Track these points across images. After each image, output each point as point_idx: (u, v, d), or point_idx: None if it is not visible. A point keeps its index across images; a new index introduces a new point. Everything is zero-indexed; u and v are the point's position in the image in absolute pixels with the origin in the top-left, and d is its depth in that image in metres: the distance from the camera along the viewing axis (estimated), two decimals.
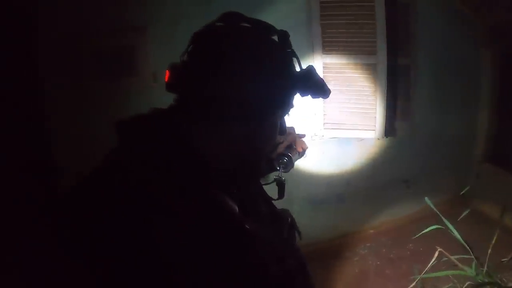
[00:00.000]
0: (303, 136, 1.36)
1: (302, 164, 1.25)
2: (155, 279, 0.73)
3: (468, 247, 2.60)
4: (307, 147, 1.33)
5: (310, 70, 0.96)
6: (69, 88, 2.84)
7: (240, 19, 0.92)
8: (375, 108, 3.77)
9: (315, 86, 0.96)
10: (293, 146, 1.28)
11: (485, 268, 2.56)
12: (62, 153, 2.78)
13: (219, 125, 0.88)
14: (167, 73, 0.90)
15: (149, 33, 3.13)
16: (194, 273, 0.75)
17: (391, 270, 3.55)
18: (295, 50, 0.96)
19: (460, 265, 2.59)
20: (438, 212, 2.67)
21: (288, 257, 0.97)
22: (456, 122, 4.42)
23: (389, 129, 3.97)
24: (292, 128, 1.29)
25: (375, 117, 3.79)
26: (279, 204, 1.13)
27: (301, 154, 1.32)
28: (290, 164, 1.22)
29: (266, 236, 0.93)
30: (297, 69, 0.96)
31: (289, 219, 1.11)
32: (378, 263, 3.73)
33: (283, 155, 1.22)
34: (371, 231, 4.23)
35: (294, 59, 0.97)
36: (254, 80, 0.86)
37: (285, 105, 0.95)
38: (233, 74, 0.85)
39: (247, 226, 0.85)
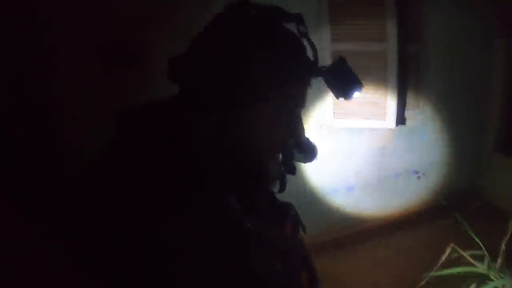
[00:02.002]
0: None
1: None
2: (153, 275, 0.70)
3: (480, 243, 2.55)
4: (317, 151, 1.27)
5: (342, 63, 0.91)
6: (74, 81, 2.83)
7: (247, 7, 0.87)
8: (386, 97, 3.72)
9: (347, 82, 0.91)
10: (302, 148, 1.21)
11: (498, 264, 2.51)
12: (66, 146, 2.78)
13: (219, 116, 0.84)
14: (169, 62, 0.86)
15: (156, 25, 3.10)
16: (193, 271, 0.72)
17: (401, 262, 3.52)
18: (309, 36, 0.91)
19: (471, 260, 2.55)
20: (448, 206, 2.63)
21: (291, 253, 0.94)
22: (467, 112, 4.37)
23: (400, 119, 3.91)
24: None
25: (386, 106, 3.73)
26: (288, 195, 1.08)
27: (310, 156, 1.25)
28: (295, 166, 1.15)
29: (268, 233, 0.90)
30: (311, 55, 0.91)
31: (293, 213, 1.07)
32: (388, 255, 3.70)
33: (288, 152, 1.15)
34: (382, 222, 4.20)
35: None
36: (253, 66, 0.81)
37: (288, 93, 0.88)
38: (233, 62, 0.81)
39: (247, 224, 0.82)
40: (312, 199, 3.76)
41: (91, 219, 0.75)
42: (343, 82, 0.91)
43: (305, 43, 0.91)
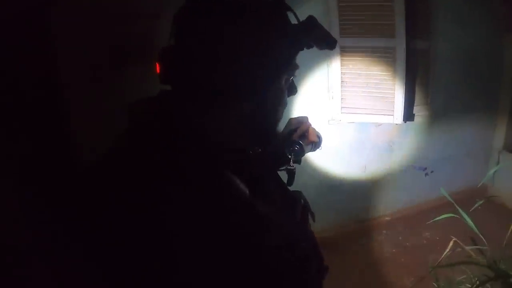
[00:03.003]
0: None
1: (320, 148, 1.22)
2: (164, 261, 0.71)
3: (483, 238, 2.55)
4: (321, 137, 1.28)
5: (311, 20, 0.90)
6: (84, 76, 2.84)
7: None
8: (394, 93, 3.71)
9: (319, 36, 0.91)
10: (306, 135, 1.23)
11: (500, 260, 2.52)
12: (78, 139, 2.79)
13: (224, 103, 0.85)
14: (157, 65, 0.88)
15: (162, 19, 3.10)
16: (204, 257, 0.73)
17: (406, 258, 3.52)
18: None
19: (474, 255, 2.55)
20: (453, 202, 2.63)
21: (301, 240, 0.95)
22: (476, 109, 4.35)
23: (408, 114, 3.90)
24: (305, 118, 1.25)
25: (394, 101, 3.72)
26: (295, 188, 1.09)
27: (316, 145, 1.26)
28: (301, 152, 1.17)
29: (278, 219, 0.90)
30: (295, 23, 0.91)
31: (302, 201, 1.08)
32: (394, 250, 3.70)
33: (295, 142, 1.17)
34: (387, 218, 4.20)
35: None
36: (247, 49, 0.82)
37: (287, 65, 0.90)
38: (222, 47, 0.81)
39: (258, 208, 0.83)
40: (318, 193, 3.76)
41: (102, 212, 0.76)
42: (319, 34, 0.91)
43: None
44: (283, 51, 0.87)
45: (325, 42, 0.92)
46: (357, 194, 4.07)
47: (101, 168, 0.83)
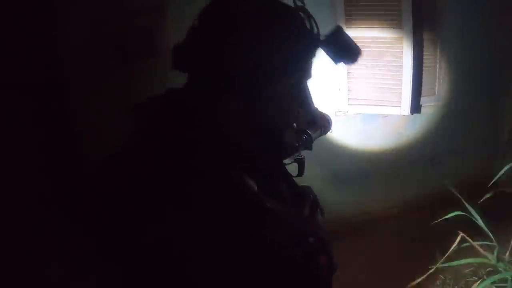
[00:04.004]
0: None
1: (326, 140, 1.21)
2: (172, 259, 0.72)
3: (490, 234, 2.54)
4: (331, 122, 1.27)
5: (338, 31, 0.91)
6: (89, 70, 2.84)
7: None
8: (401, 84, 3.70)
9: (342, 49, 0.90)
10: (315, 122, 1.22)
11: (507, 256, 2.51)
12: (84, 136, 2.80)
13: (233, 99, 0.85)
14: (173, 51, 0.87)
15: (168, 12, 3.09)
16: (212, 253, 0.74)
17: (413, 251, 3.51)
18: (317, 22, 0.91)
19: (482, 251, 2.54)
20: (460, 197, 2.61)
21: (310, 236, 0.94)
22: (483, 100, 4.32)
23: (415, 106, 3.88)
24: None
25: (401, 93, 3.71)
26: (302, 181, 1.09)
27: (324, 131, 1.26)
28: (310, 141, 1.16)
29: (287, 215, 0.90)
30: (314, 29, 0.91)
31: (311, 196, 1.08)
32: (401, 243, 3.69)
33: (303, 132, 1.16)
34: (395, 210, 4.18)
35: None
36: (260, 46, 0.82)
37: (298, 70, 0.90)
38: (236, 43, 0.81)
39: (267, 205, 0.83)
40: (325, 185, 3.76)
41: (110, 212, 0.77)
42: (342, 49, 0.91)
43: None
44: (290, 56, 0.86)
45: (347, 57, 0.92)
46: (364, 186, 4.06)
47: (113, 169, 0.83)
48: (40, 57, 2.49)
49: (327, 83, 3.65)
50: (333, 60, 0.92)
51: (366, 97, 3.76)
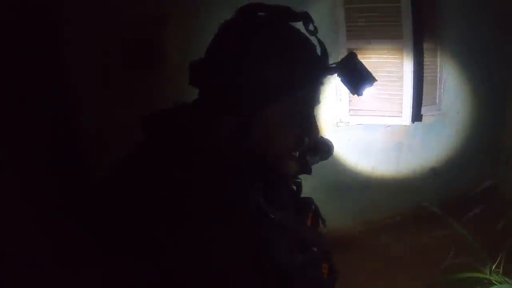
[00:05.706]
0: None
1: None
2: (180, 266, 0.73)
3: (482, 248, 2.56)
4: (332, 148, 1.26)
5: (352, 58, 0.90)
6: (94, 81, 2.86)
7: (256, 10, 0.89)
8: (402, 94, 3.71)
9: (358, 77, 0.90)
10: (317, 149, 1.20)
11: (501, 269, 2.53)
12: (89, 145, 2.81)
13: (237, 118, 0.86)
14: (190, 67, 0.89)
15: (171, 25, 3.12)
16: (219, 262, 0.75)
17: (415, 260, 3.50)
18: (318, 34, 0.91)
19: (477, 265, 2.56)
20: (447, 216, 2.63)
21: (312, 245, 0.96)
22: (485, 108, 4.33)
23: (416, 115, 3.89)
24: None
25: (402, 103, 3.72)
26: (303, 192, 1.10)
27: (324, 156, 1.24)
28: (309, 168, 1.15)
29: (290, 225, 0.92)
30: (319, 53, 0.91)
31: (313, 207, 1.09)
32: (403, 252, 3.68)
33: (302, 159, 1.14)
34: (397, 219, 4.18)
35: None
36: (266, 70, 0.83)
37: (303, 96, 0.90)
38: (244, 67, 0.83)
39: (271, 215, 0.84)
40: (327, 195, 3.76)
41: (115, 223, 0.78)
42: (355, 77, 0.90)
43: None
44: (290, 82, 0.85)
45: (360, 87, 0.91)
46: (366, 196, 4.06)
47: (120, 181, 0.84)
48: (44, 62, 2.51)
49: (328, 94, 3.67)
50: (349, 90, 0.92)
51: (367, 107, 3.78)
